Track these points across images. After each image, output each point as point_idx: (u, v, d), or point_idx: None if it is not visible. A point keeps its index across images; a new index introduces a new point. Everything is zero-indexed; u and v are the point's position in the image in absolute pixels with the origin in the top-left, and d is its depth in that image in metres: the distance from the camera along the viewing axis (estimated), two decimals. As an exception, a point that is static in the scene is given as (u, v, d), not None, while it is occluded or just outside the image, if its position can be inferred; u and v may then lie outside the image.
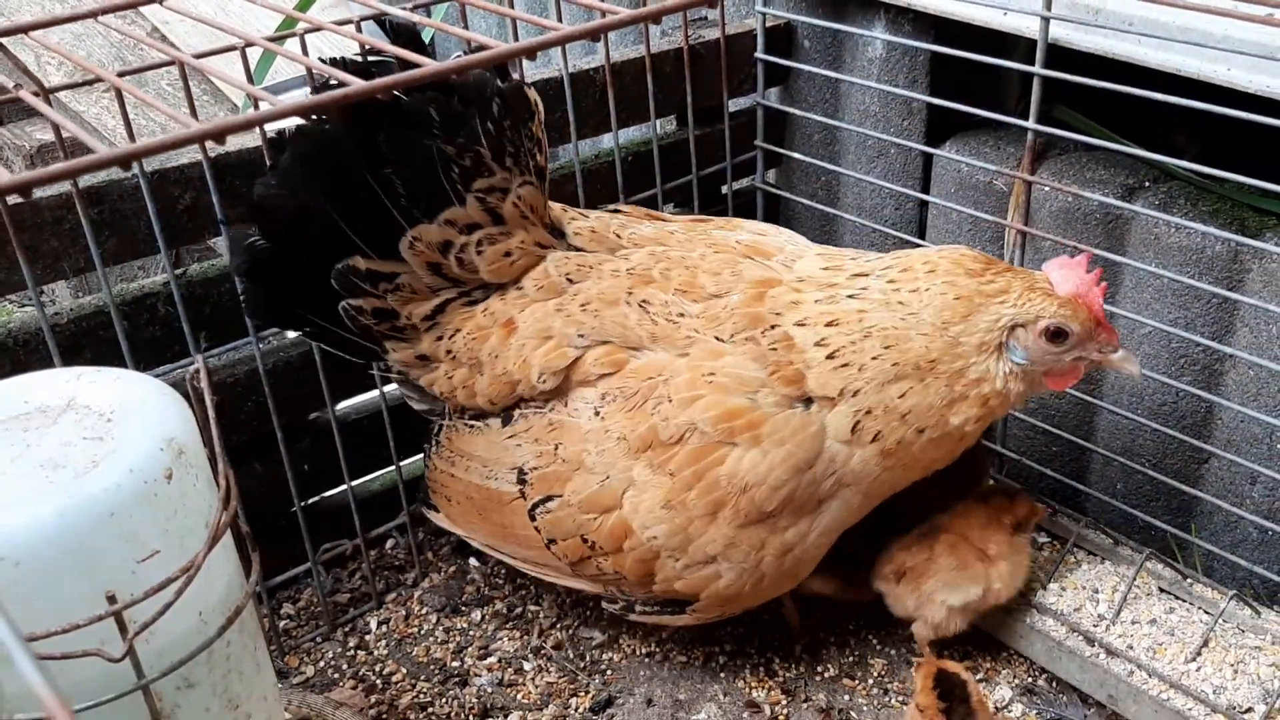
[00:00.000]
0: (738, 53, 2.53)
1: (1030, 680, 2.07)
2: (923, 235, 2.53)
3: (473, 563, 2.39)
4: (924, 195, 2.46)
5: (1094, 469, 2.32)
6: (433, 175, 1.83)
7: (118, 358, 1.87)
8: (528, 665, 2.15)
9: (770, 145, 2.68)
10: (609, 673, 2.13)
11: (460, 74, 1.77)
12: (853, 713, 2.03)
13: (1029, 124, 2.09)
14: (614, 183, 2.39)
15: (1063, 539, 2.21)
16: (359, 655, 2.19)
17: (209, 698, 1.46)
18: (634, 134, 2.53)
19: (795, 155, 2.67)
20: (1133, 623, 2.01)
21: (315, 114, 1.77)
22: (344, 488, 2.22)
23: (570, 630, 2.23)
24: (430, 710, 2.05)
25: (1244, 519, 2.08)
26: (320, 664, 2.17)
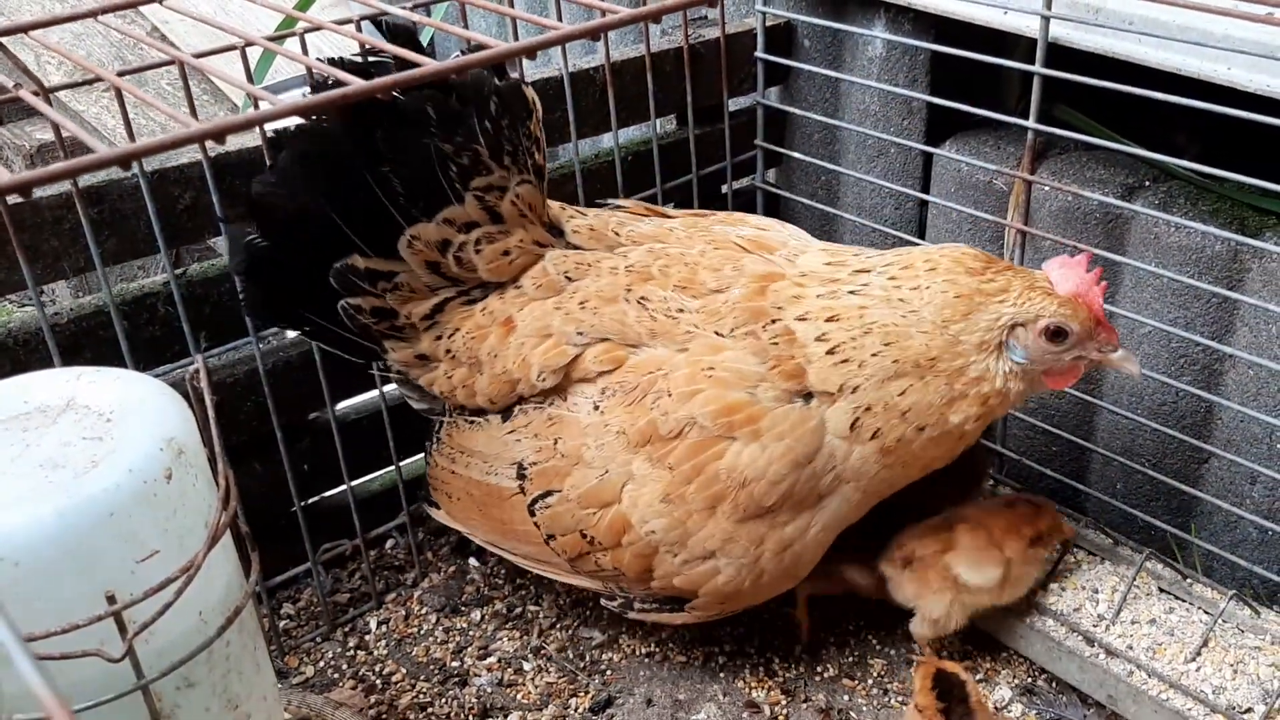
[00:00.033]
0: (738, 52, 2.53)
1: (1030, 680, 2.07)
2: (923, 235, 2.53)
3: (472, 563, 2.39)
4: (924, 195, 2.46)
5: (1094, 469, 2.32)
6: (431, 174, 1.83)
7: (117, 358, 1.87)
8: (527, 665, 2.15)
9: (770, 145, 2.67)
10: (609, 673, 2.13)
11: (459, 73, 1.77)
12: (852, 713, 2.03)
13: (1029, 123, 2.09)
14: (614, 182, 2.39)
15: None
16: (359, 655, 2.19)
17: (209, 698, 1.46)
18: (634, 133, 2.53)
19: (795, 155, 2.67)
20: (1132, 623, 2.01)
21: (315, 114, 1.77)
22: (344, 488, 2.22)
23: (570, 630, 2.23)
24: (430, 710, 2.05)
25: (1244, 519, 2.07)
26: (320, 664, 2.17)
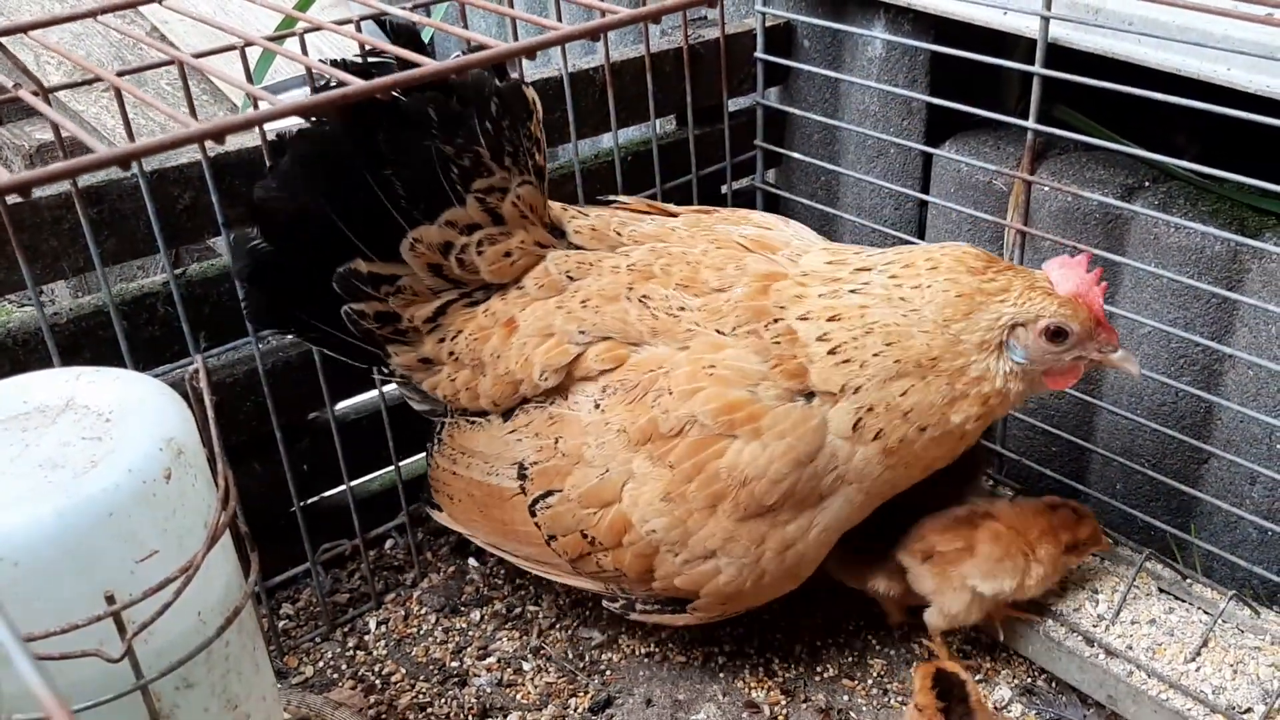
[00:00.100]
0: (737, 52, 2.53)
1: (1029, 680, 2.07)
2: (922, 235, 2.53)
3: (472, 563, 2.39)
4: (924, 195, 2.46)
5: (1094, 469, 2.32)
6: (432, 176, 1.83)
7: (117, 358, 1.87)
8: (527, 665, 2.15)
9: (770, 145, 2.67)
10: (608, 673, 2.13)
11: (460, 73, 1.77)
12: (852, 713, 2.03)
13: (1029, 124, 2.09)
14: (614, 182, 2.39)
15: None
16: (358, 655, 2.18)
17: (208, 698, 1.46)
18: (634, 134, 2.53)
19: (795, 155, 2.67)
20: (1132, 623, 2.01)
21: (315, 114, 1.77)
22: (343, 488, 2.22)
23: (569, 630, 2.23)
24: (429, 710, 2.05)
25: (1243, 519, 2.07)
26: (319, 664, 2.17)
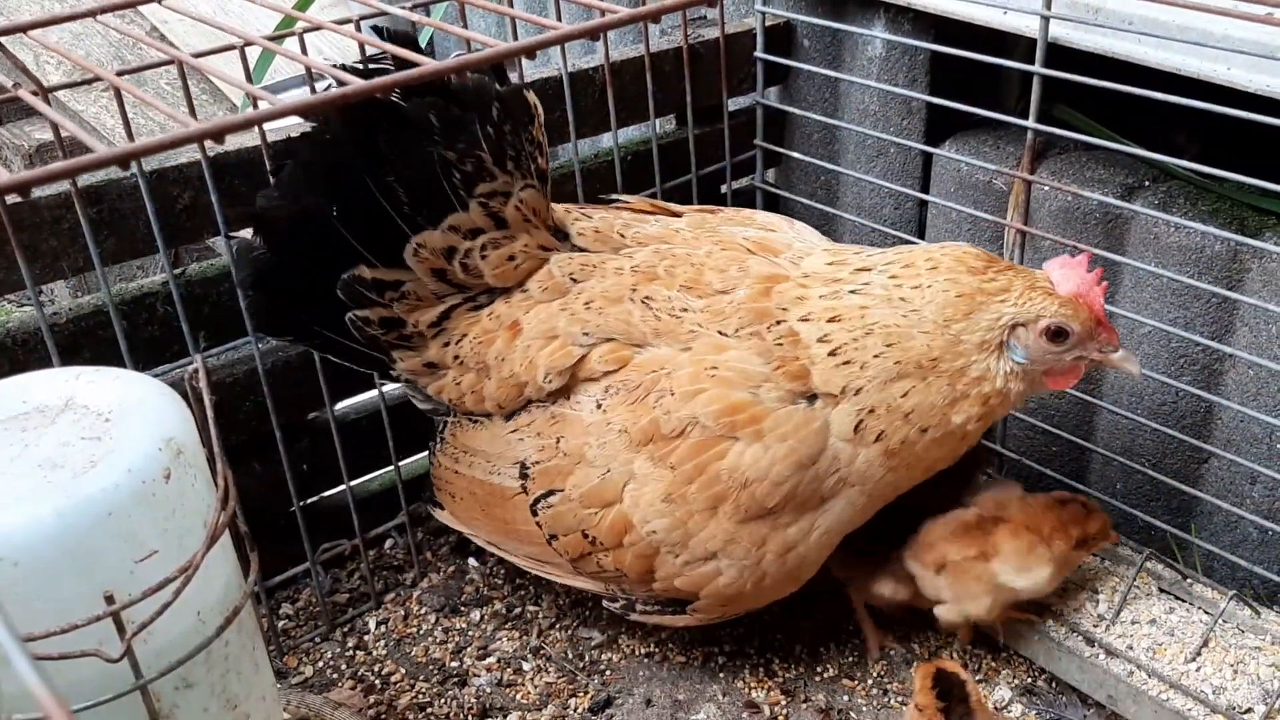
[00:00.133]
0: (737, 52, 2.53)
1: (1030, 680, 2.07)
2: (922, 235, 2.53)
3: (471, 563, 2.38)
4: (924, 195, 2.46)
5: (1094, 469, 2.32)
6: (435, 181, 1.84)
7: (116, 357, 1.87)
8: (527, 665, 2.15)
9: (770, 145, 2.67)
10: (608, 673, 2.13)
11: (459, 73, 1.77)
12: (852, 713, 2.03)
13: (1029, 123, 2.09)
14: (613, 182, 2.39)
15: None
16: (358, 655, 2.18)
17: (207, 698, 1.46)
18: (633, 133, 2.52)
19: (795, 155, 2.67)
20: (1132, 623, 2.01)
21: (314, 114, 1.77)
22: (343, 488, 2.22)
23: (569, 630, 2.23)
24: (429, 710, 2.05)
25: (1244, 519, 2.07)
26: (319, 664, 2.17)
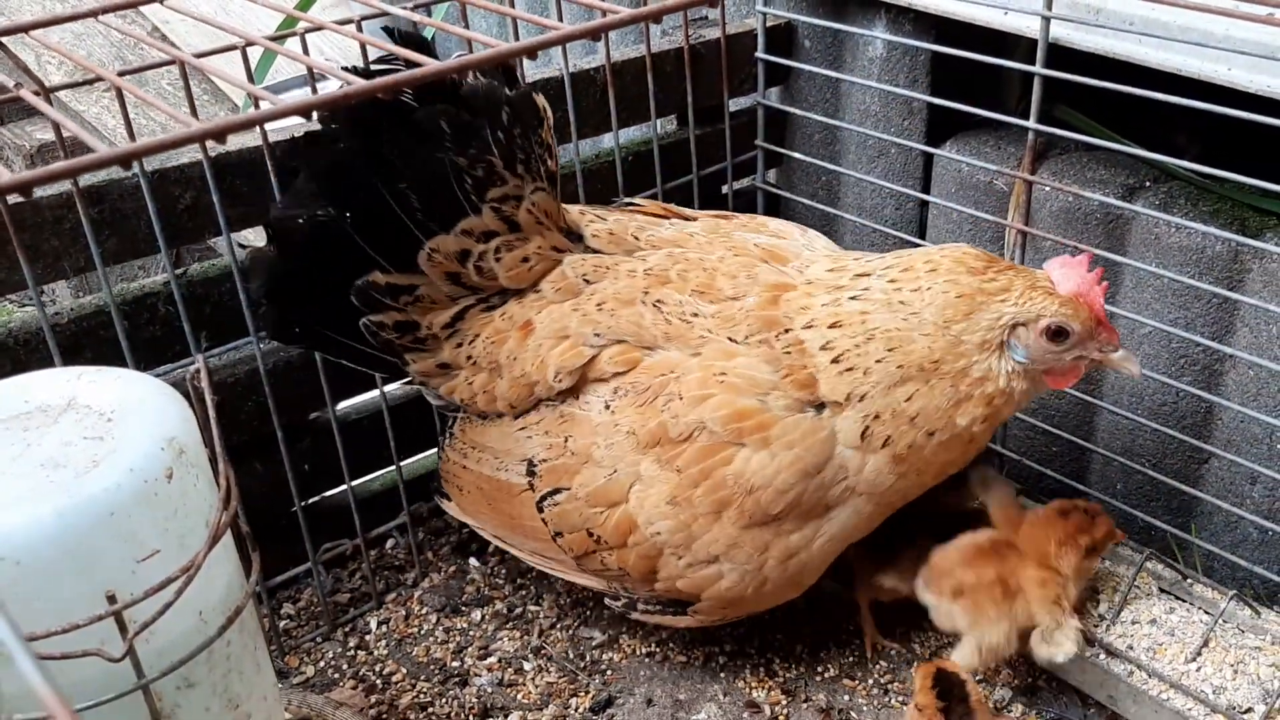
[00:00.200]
0: (738, 52, 2.53)
1: (1030, 680, 2.07)
2: (923, 235, 2.53)
3: (473, 563, 2.39)
4: (924, 195, 2.46)
5: (1094, 469, 2.32)
6: (447, 187, 1.85)
7: (118, 357, 1.87)
8: (528, 665, 2.15)
9: (771, 145, 2.67)
10: (609, 673, 2.13)
11: (461, 73, 1.77)
12: (853, 713, 2.03)
13: (1029, 124, 2.09)
14: (614, 182, 2.39)
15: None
16: (359, 655, 2.19)
17: (209, 697, 1.46)
18: (634, 134, 2.52)
19: (796, 155, 2.67)
20: (1133, 623, 2.01)
21: (316, 113, 1.77)
22: (344, 487, 2.22)
23: (570, 630, 2.23)
24: (430, 710, 2.05)
25: (1244, 519, 2.07)
26: (320, 664, 2.17)
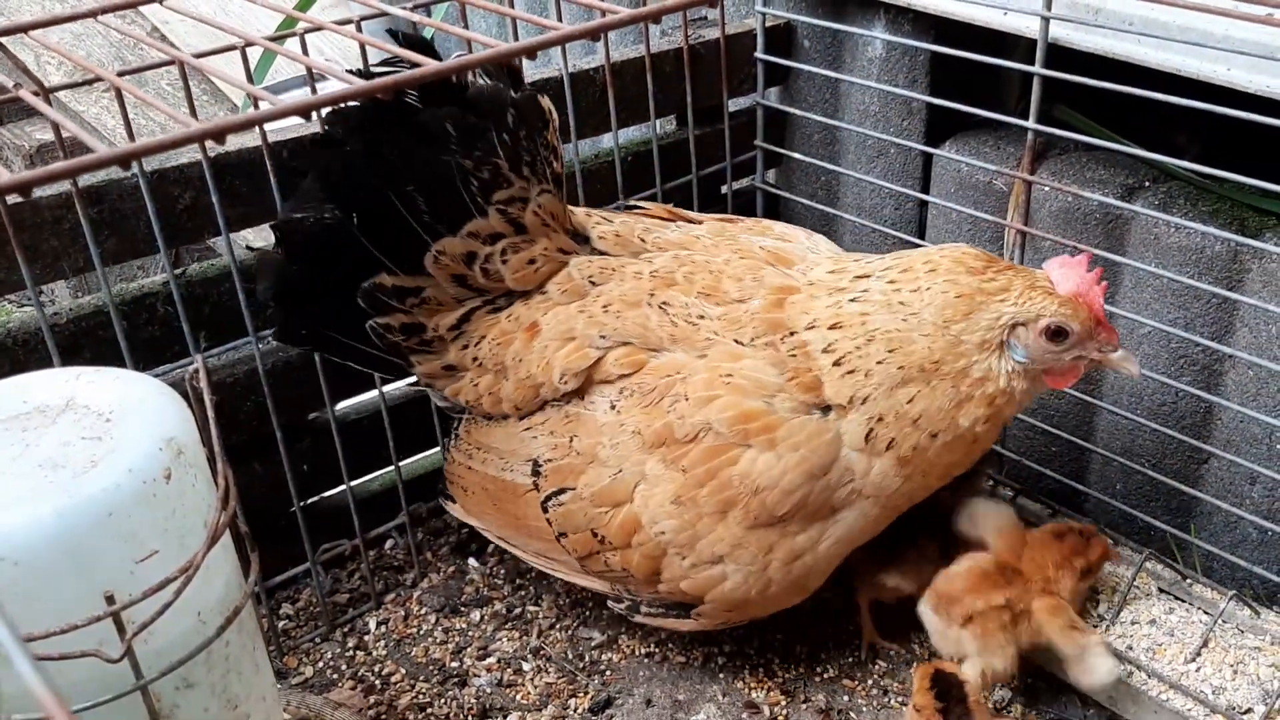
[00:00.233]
0: (738, 53, 2.53)
1: (1030, 680, 2.06)
2: (923, 235, 2.53)
3: (472, 563, 2.39)
4: (924, 195, 2.46)
5: (1093, 469, 2.32)
6: (453, 189, 1.85)
7: (117, 358, 1.87)
8: (527, 666, 2.15)
9: (770, 145, 2.67)
10: (608, 673, 2.13)
11: (462, 73, 1.77)
12: (852, 713, 2.03)
13: (1029, 124, 2.09)
14: (614, 183, 2.39)
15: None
16: (358, 656, 2.18)
17: (208, 698, 1.46)
18: (634, 134, 2.52)
19: (795, 155, 2.67)
20: (1132, 623, 2.01)
21: (318, 114, 1.77)
22: (343, 488, 2.22)
23: (569, 630, 2.23)
24: (429, 711, 2.05)
25: (1244, 519, 2.07)
26: (319, 664, 2.17)
